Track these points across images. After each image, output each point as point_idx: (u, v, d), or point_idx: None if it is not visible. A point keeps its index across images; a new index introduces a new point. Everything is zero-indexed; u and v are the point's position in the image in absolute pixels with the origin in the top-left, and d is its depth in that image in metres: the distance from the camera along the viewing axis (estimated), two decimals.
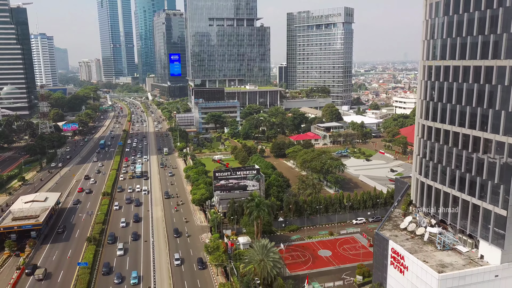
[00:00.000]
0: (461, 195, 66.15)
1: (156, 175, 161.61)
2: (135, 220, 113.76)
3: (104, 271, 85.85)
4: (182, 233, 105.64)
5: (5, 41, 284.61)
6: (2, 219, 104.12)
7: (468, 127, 64.14)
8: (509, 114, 57.03)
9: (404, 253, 66.57)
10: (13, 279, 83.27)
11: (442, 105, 69.33)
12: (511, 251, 60.33)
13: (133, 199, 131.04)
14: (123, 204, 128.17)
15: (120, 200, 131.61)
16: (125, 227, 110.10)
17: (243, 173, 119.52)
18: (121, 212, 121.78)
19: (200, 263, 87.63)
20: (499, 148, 58.97)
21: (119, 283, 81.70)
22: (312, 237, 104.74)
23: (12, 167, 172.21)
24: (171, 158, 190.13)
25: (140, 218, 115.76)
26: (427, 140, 73.79)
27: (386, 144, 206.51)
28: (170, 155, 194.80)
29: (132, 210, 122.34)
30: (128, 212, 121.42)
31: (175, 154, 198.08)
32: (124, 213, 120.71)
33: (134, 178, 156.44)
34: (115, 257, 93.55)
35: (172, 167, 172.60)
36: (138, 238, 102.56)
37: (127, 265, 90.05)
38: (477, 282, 60.29)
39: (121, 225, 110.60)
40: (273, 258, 76.73)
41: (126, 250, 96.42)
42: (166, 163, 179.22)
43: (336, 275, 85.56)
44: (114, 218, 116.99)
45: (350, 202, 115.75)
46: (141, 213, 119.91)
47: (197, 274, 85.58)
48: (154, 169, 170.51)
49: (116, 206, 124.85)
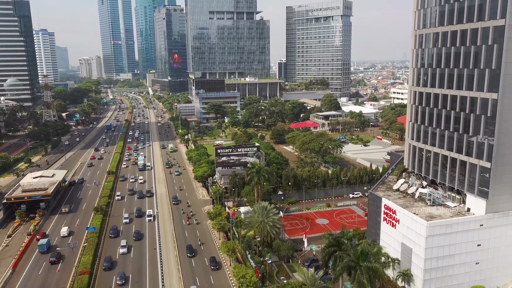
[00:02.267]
0: (449, 153, 70.32)
1: (160, 170, 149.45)
2: (139, 196, 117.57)
3: (112, 234, 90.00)
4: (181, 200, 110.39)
5: (8, 33, 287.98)
6: (12, 191, 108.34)
7: (456, 88, 68.31)
8: (493, 72, 61.20)
9: (396, 207, 70.78)
10: (24, 243, 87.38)
11: (432, 70, 73.48)
12: (494, 202, 64.55)
13: (136, 177, 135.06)
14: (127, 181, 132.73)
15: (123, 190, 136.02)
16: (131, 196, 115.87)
17: (244, 150, 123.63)
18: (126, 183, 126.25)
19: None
20: (483, 104, 63.15)
21: (133, 182, 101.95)
22: (310, 209, 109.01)
23: (18, 151, 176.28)
24: (178, 157, 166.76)
25: (144, 195, 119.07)
26: (418, 105, 77.94)
27: (383, 131, 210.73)
28: (176, 152, 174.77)
29: (137, 186, 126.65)
30: (133, 186, 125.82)
31: (177, 141, 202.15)
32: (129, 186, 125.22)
33: (136, 164, 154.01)
34: (122, 224, 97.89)
35: (178, 165, 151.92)
36: (143, 215, 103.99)
37: (133, 229, 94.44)
38: (463, 230, 64.44)
39: (128, 192, 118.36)
40: (272, 219, 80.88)
41: (131, 220, 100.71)
42: (173, 162, 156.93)
43: None
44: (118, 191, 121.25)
45: (347, 177, 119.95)
46: (145, 190, 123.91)
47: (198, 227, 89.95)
48: (157, 156, 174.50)
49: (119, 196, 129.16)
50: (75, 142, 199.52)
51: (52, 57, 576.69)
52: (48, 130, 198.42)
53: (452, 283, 65.84)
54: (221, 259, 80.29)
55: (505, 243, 66.96)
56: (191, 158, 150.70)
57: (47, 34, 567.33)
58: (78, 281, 68.88)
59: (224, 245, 78.29)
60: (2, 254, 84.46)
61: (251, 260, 75.66)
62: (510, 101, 61.20)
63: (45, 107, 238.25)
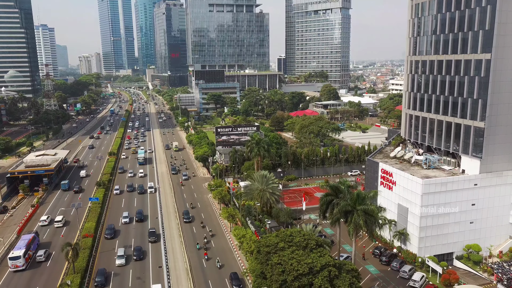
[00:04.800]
0: (444, 118, 72.07)
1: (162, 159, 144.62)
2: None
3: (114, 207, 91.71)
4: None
5: (9, 25, 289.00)
6: (16, 166, 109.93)
7: (450, 53, 70.02)
8: (486, 33, 62.91)
9: (392, 170, 72.52)
10: (28, 213, 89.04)
11: (427, 38, 75.21)
12: (488, 162, 66.31)
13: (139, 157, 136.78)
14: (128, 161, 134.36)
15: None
16: (132, 177, 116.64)
17: (244, 129, 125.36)
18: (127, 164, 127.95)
19: None
20: (477, 66, 64.88)
21: (132, 177, 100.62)
22: (308, 184, 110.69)
23: (20, 137, 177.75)
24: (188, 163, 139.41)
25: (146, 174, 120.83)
26: (414, 74, 79.69)
27: (382, 119, 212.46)
28: (181, 151, 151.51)
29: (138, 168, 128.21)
30: (134, 164, 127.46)
31: (176, 128, 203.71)
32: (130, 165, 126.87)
33: (135, 153, 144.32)
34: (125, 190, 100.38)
35: (186, 167, 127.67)
36: (144, 190, 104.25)
37: (135, 203, 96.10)
38: (458, 189, 66.14)
39: (129, 175, 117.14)
40: (272, 186, 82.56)
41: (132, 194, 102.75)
42: (179, 166, 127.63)
43: None
44: (120, 177, 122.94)
45: (346, 155, 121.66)
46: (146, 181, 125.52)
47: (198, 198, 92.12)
48: (157, 141, 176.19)
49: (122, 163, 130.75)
50: (75, 130, 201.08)
51: (52, 52, 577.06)
52: (49, 118, 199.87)
53: (447, 241, 67.54)
54: (222, 226, 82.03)
55: (499, 203, 68.66)
56: (191, 141, 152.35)
57: (47, 30, 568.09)
58: (82, 242, 70.56)
59: (224, 210, 79.98)
60: (7, 222, 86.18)
61: (251, 225, 77.31)
62: (502, 61, 62.95)
63: (46, 96, 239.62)
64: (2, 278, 63.36)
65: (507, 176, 67.89)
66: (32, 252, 69.84)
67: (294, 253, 46.50)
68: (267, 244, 49.35)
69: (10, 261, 64.85)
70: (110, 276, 63.38)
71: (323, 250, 47.69)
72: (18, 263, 64.79)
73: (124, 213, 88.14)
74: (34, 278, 63.44)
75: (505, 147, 66.47)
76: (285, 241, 48.96)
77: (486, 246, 68.68)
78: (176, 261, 68.18)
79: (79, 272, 60.90)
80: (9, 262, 64.92)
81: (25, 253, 66.39)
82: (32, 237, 71.58)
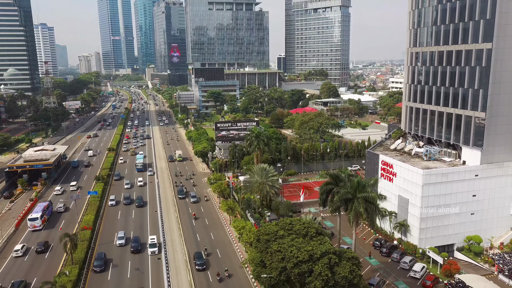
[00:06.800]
0: (445, 109, 71.64)
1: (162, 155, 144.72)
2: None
3: (112, 203, 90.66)
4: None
5: (8, 23, 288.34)
6: (14, 161, 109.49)
7: (451, 44, 69.61)
8: (487, 22, 62.50)
9: (393, 161, 72.11)
10: (27, 207, 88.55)
11: (428, 29, 74.81)
12: (489, 153, 65.88)
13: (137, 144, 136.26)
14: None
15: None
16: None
17: (243, 124, 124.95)
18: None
19: None
20: (478, 56, 64.48)
21: (129, 188, 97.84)
22: (308, 179, 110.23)
23: (19, 134, 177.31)
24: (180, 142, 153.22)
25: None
26: (415, 66, 79.27)
27: (382, 117, 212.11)
28: (185, 161, 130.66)
29: None
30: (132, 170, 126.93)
31: (176, 125, 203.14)
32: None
33: (134, 154, 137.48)
34: (123, 191, 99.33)
35: (193, 182, 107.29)
36: (144, 186, 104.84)
37: (134, 194, 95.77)
38: (458, 179, 65.70)
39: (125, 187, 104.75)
40: (271, 179, 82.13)
41: (132, 185, 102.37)
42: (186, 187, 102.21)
43: None
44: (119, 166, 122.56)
45: (346, 150, 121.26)
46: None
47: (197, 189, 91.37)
48: (157, 136, 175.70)
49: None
50: (78, 125, 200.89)
51: (51, 51, 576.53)
52: (48, 115, 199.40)
53: (448, 232, 67.10)
54: (221, 220, 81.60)
55: (500, 194, 68.24)
56: (191, 138, 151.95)
57: (46, 29, 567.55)
58: (81, 234, 70.17)
59: (224, 203, 79.54)
60: (5, 216, 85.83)
61: (251, 217, 76.90)
62: (504, 51, 62.52)
63: (45, 94, 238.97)
64: (3, 266, 63.93)
65: (508, 167, 67.46)
66: (47, 217, 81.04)
67: (294, 241, 46.07)
68: (267, 232, 48.92)
69: (29, 221, 76.02)
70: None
71: (323, 238, 47.27)
72: (36, 224, 76.10)
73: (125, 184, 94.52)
74: (32, 267, 63.30)
75: (506, 137, 66.06)
76: (285, 229, 48.53)
77: (487, 238, 68.22)
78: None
79: (77, 264, 60.55)
80: (28, 223, 76.08)
81: (42, 216, 77.87)
82: (47, 205, 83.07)
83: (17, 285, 55.19)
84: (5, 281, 58.78)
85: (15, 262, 65.17)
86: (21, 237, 73.82)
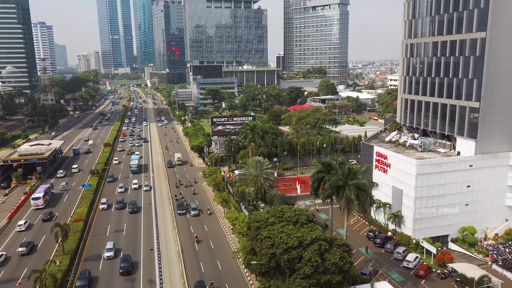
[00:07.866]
0: (440, 100, 71.30)
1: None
2: None
3: (103, 206, 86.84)
4: None
5: (6, 20, 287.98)
6: (9, 155, 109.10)
7: (446, 34, 69.25)
8: (481, 11, 62.13)
9: (387, 152, 71.74)
10: (21, 200, 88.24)
11: (423, 20, 74.44)
12: (483, 143, 65.53)
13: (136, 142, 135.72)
14: None
15: None
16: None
17: (239, 119, 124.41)
18: None
19: None
20: (472, 45, 64.11)
21: (123, 192, 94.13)
22: (304, 173, 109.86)
23: (16, 130, 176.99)
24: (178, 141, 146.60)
25: None
26: (410, 57, 78.91)
27: (380, 114, 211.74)
28: (185, 165, 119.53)
29: None
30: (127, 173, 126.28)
31: (174, 122, 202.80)
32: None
33: (130, 154, 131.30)
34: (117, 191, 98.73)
35: (193, 190, 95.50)
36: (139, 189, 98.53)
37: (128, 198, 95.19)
38: (453, 170, 65.33)
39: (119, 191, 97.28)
40: (266, 172, 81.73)
41: (127, 189, 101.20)
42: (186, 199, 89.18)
43: None
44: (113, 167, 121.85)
45: (342, 145, 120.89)
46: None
47: None
48: (154, 133, 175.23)
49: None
50: (75, 121, 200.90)
51: (50, 50, 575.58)
52: (46, 111, 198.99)
53: (442, 223, 66.75)
54: (216, 213, 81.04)
55: (495, 185, 67.87)
56: (188, 133, 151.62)
57: (45, 27, 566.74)
58: (73, 226, 69.78)
59: (218, 195, 79.13)
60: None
61: (245, 209, 76.52)
62: (498, 40, 62.19)
63: (43, 91, 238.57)
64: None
65: (502, 157, 67.13)
66: (49, 198, 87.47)
67: (284, 227, 45.70)
68: (257, 219, 48.57)
69: (33, 201, 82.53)
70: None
71: (314, 225, 46.92)
72: (38, 203, 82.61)
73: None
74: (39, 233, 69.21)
75: (500, 127, 65.70)
76: (275, 217, 48.18)
77: (482, 229, 67.84)
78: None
79: (68, 254, 60.18)
80: (32, 202, 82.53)
81: (44, 196, 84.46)
82: (48, 186, 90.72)
83: (26, 245, 64.14)
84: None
85: (19, 235, 70.79)
86: (25, 214, 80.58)
